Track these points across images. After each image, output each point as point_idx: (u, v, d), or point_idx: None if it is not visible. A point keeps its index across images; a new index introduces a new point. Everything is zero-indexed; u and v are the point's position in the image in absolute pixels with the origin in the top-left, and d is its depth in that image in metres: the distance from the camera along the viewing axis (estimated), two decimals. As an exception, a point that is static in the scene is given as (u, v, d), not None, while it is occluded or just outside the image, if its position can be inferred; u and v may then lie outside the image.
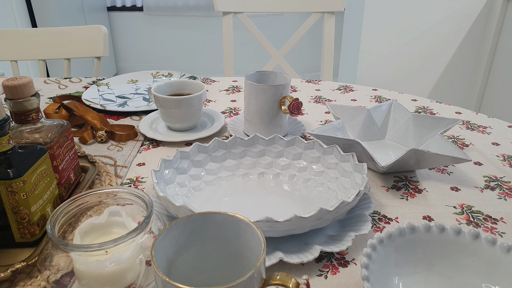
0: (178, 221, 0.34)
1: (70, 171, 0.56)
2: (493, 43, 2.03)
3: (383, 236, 0.42)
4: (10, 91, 0.48)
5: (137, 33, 3.56)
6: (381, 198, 0.59)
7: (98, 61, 1.29)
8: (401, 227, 0.43)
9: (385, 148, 0.72)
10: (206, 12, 3.41)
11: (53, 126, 0.52)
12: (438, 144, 0.65)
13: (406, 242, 0.44)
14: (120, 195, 0.44)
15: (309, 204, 0.56)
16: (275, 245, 0.47)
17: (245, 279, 0.29)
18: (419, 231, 0.44)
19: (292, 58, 3.44)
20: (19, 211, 0.44)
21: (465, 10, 2.02)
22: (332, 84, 1.06)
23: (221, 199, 0.57)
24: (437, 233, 0.44)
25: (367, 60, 2.14)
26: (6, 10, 2.28)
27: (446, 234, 0.44)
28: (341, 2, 1.26)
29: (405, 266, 0.43)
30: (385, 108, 0.75)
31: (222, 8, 1.29)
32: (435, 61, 2.14)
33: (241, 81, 1.08)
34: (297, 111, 0.71)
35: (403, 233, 0.43)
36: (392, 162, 0.59)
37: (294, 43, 1.34)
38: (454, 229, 0.43)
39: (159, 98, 0.74)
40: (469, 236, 0.43)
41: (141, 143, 0.75)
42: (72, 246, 0.36)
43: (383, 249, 0.42)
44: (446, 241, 0.44)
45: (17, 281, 0.43)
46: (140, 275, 0.40)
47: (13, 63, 1.27)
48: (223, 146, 0.63)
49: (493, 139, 0.76)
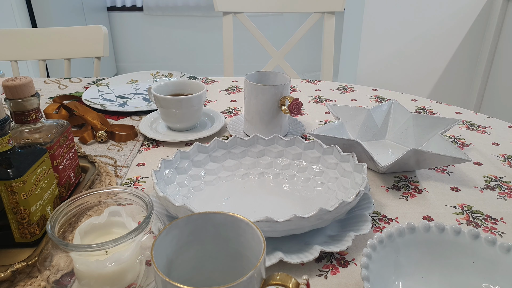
0: (178, 221, 0.34)
1: (70, 171, 0.56)
2: (493, 43, 2.03)
3: (383, 236, 0.42)
4: (10, 91, 0.48)
5: (137, 33, 3.56)
6: (381, 198, 0.59)
7: (98, 61, 1.29)
8: (401, 227, 0.43)
9: (385, 148, 0.72)
10: (206, 12, 3.41)
11: (53, 126, 0.52)
12: (438, 144, 0.65)
13: (406, 242, 0.44)
14: (120, 195, 0.44)
15: (309, 204, 0.56)
16: (275, 245, 0.47)
17: (245, 279, 0.29)
18: (419, 231, 0.44)
19: (292, 58, 3.44)
20: (19, 211, 0.44)
21: (465, 10, 2.02)
22: (332, 84, 1.06)
23: (221, 199, 0.57)
24: (436, 233, 0.44)
25: (367, 60, 2.14)
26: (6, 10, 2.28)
27: (446, 234, 0.44)
28: (341, 2, 1.26)
29: (405, 266, 0.44)
30: (385, 108, 0.75)
31: (222, 8, 1.29)
32: (435, 61, 2.14)
33: (241, 81, 1.08)
34: (297, 111, 0.71)
35: (403, 233, 0.44)
36: (392, 162, 0.59)
37: (294, 43, 1.34)
38: (454, 229, 0.43)
39: (159, 98, 0.74)
40: (469, 236, 0.43)
41: (141, 143, 0.75)
42: (72, 246, 0.36)
43: (383, 249, 0.42)
44: (445, 241, 0.44)
45: (17, 281, 0.43)
46: (140, 275, 0.40)
47: (13, 63, 1.27)
48: (223, 146, 0.63)
49: (493, 139, 0.76)
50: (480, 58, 2.12)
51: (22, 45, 1.26)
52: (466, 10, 2.02)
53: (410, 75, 2.17)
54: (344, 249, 0.46)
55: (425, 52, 2.11)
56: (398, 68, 2.16)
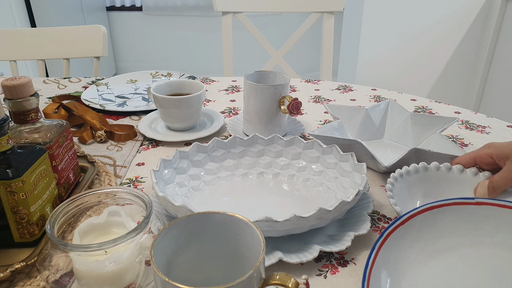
0: (178, 221, 0.34)
1: (69, 171, 0.56)
2: (492, 43, 2.03)
3: (402, 171, 0.55)
4: (9, 91, 0.48)
5: (136, 33, 3.55)
6: (381, 197, 0.59)
7: (97, 61, 1.29)
8: (416, 166, 0.55)
9: (384, 147, 0.72)
10: (205, 12, 3.41)
11: (52, 126, 0.52)
12: (438, 142, 0.65)
13: (420, 178, 0.55)
14: (120, 195, 0.44)
15: (308, 203, 0.56)
16: (275, 244, 0.47)
17: (245, 279, 0.29)
18: (431, 170, 0.55)
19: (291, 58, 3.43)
20: (18, 211, 0.44)
21: (464, 10, 2.03)
22: (332, 84, 1.06)
23: (220, 199, 0.57)
24: (445, 172, 0.55)
25: (366, 59, 2.14)
26: (5, 10, 2.28)
27: (452, 172, 0.55)
28: (340, 2, 1.26)
29: (419, 197, 0.55)
30: (382, 107, 0.75)
31: (221, 8, 1.29)
32: (434, 60, 2.14)
33: (240, 81, 1.08)
34: (296, 111, 0.71)
35: (418, 170, 0.55)
36: (395, 161, 0.59)
37: (293, 43, 1.34)
38: (458, 168, 0.55)
39: (158, 98, 0.74)
40: (470, 173, 0.54)
41: (140, 143, 0.75)
42: (71, 246, 0.36)
43: (403, 181, 0.54)
44: (452, 178, 0.55)
45: (16, 281, 0.43)
46: (140, 275, 0.40)
47: (12, 63, 1.27)
48: (223, 146, 0.63)
49: (492, 139, 0.76)
50: (479, 57, 2.12)
51: (21, 45, 1.26)
52: (465, 9, 2.02)
53: (409, 75, 2.18)
54: (343, 249, 0.46)
55: (424, 51, 2.11)
56: (397, 67, 2.16)
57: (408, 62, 2.14)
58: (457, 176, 0.55)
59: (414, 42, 2.09)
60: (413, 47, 2.11)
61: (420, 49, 2.11)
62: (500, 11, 1.96)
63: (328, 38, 1.30)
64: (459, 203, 0.42)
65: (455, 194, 0.54)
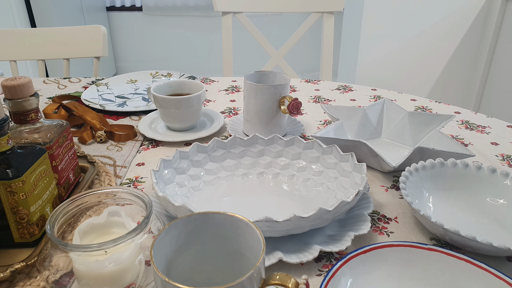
0: (178, 221, 0.34)
1: (69, 171, 0.56)
2: (492, 43, 2.03)
3: (418, 166, 0.56)
4: (9, 91, 0.48)
5: (136, 33, 3.56)
6: (381, 197, 0.59)
7: (97, 61, 1.29)
8: (433, 162, 0.57)
9: (382, 147, 0.72)
10: (205, 12, 3.41)
11: (52, 126, 0.52)
12: (439, 141, 0.65)
13: (435, 173, 0.57)
14: (120, 195, 0.44)
15: (308, 204, 0.56)
16: (275, 245, 0.47)
17: (245, 279, 0.29)
18: (447, 166, 0.57)
19: (291, 58, 3.44)
20: (18, 211, 0.44)
21: (464, 10, 2.03)
22: (331, 84, 1.06)
23: (220, 199, 0.57)
24: (462, 168, 0.57)
25: (366, 60, 2.15)
26: (5, 10, 2.28)
27: (469, 169, 0.57)
28: (340, 2, 1.26)
29: (433, 191, 0.56)
30: (378, 107, 0.76)
31: (221, 8, 1.29)
32: (434, 60, 2.14)
33: (240, 81, 1.08)
34: (296, 111, 0.71)
35: (434, 166, 0.57)
36: (402, 161, 0.59)
37: (293, 43, 1.34)
38: (476, 165, 0.56)
39: (158, 98, 0.74)
40: (488, 171, 0.56)
41: (140, 143, 0.75)
42: (71, 246, 0.36)
43: (417, 175, 0.56)
44: (468, 175, 0.56)
45: (16, 281, 0.43)
46: (140, 275, 0.40)
47: (12, 63, 1.27)
48: (223, 146, 0.63)
49: (492, 139, 0.76)
50: (479, 57, 2.12)
51: (21, 45, 1.26)
52: (465, 9, 2.02)
53: (409, 75, 2.18)
54: (343, 249, 0.46)
55: (424, 51, 2.12)
56: (397, 67, 2.16)
57: (408, 62, 2.14)
58: (475, 173, 0.56)
59: (414, 42, 2.09)
60: (413, 47, 2.11)
61: (420, 49, 2.11)
62: (500, 11, 1.96)
63: (328, 38, 1.30)
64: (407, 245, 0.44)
65: (471, 191, 0.56)
